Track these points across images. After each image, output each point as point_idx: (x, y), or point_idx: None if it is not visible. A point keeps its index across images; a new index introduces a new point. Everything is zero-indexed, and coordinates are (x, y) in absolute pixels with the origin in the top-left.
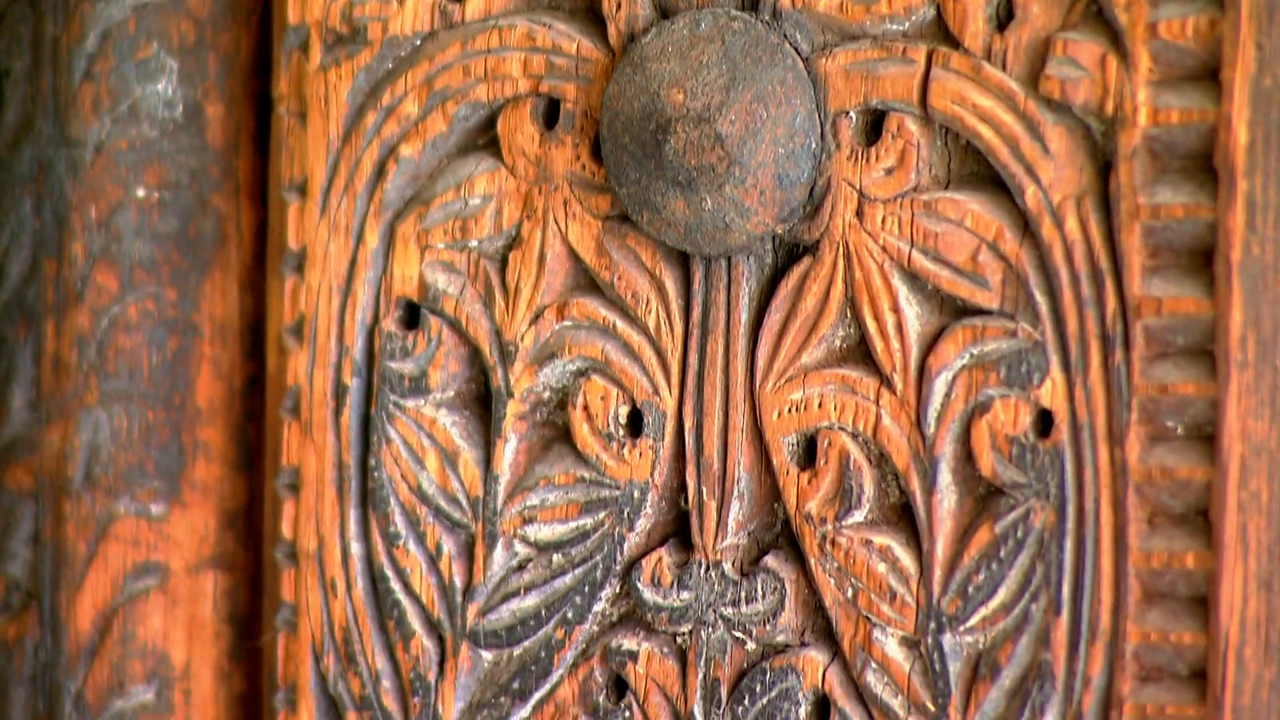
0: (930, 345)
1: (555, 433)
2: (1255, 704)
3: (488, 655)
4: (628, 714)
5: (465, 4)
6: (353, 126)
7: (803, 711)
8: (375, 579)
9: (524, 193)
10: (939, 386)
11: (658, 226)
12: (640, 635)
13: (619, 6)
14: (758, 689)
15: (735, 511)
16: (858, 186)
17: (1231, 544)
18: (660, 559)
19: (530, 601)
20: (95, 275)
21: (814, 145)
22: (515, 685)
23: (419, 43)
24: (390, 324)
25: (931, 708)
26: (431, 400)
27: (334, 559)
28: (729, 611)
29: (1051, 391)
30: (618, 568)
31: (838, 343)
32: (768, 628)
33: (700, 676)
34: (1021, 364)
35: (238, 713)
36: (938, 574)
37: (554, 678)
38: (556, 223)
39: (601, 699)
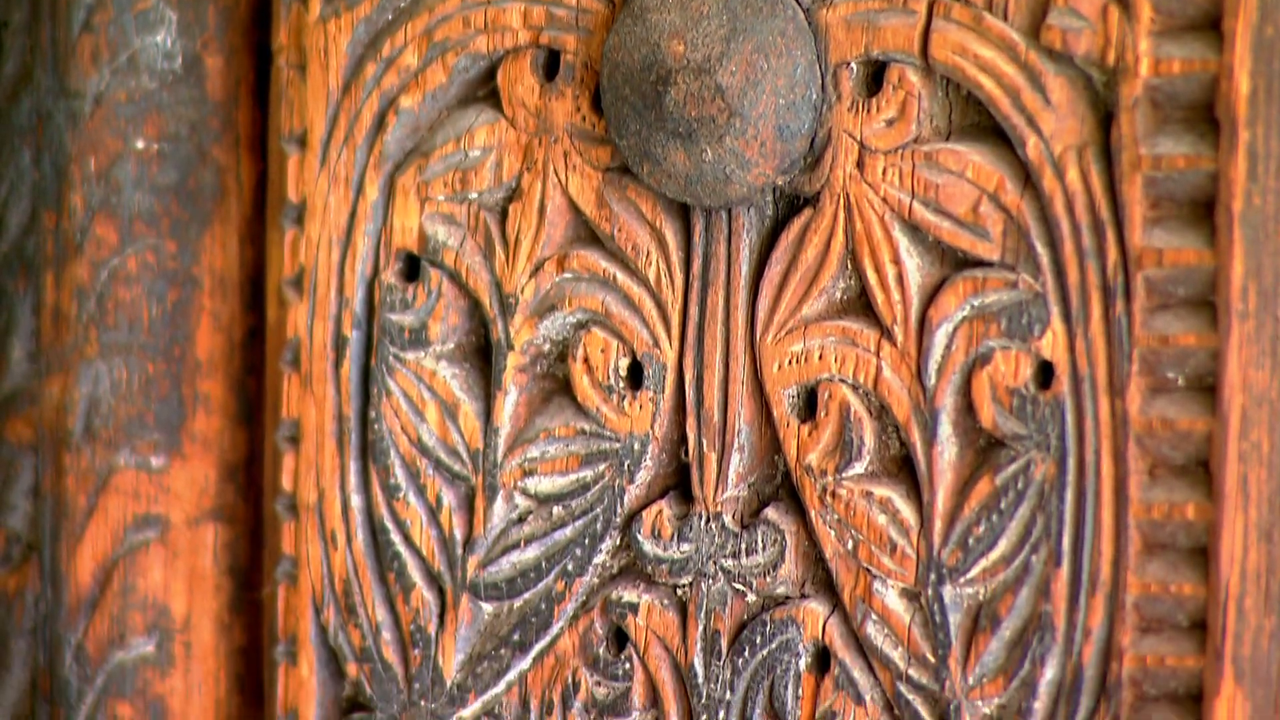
0: (931, 297)
1: (555, 385)
2: (1255, 654)
3: (488, 607)
4: (628, 666)
5: None
6: (352, 78)
7: (803, 663)
8: (375, 531)
9: (524, 144)
10: (940, 338)
11: (658, 178)
12: (640, 587)
13: None
14: (758, 641)
15: (735, 464)
16: (858, 138)
17: (1232, 495)
18: (660, 511)
19: (530, 554)
20: (94, 227)
21: (815, 96)
22: (515, 637)
23: None
24: (390, 276)
25: (932, 659)
26: (431, 352)
27: (334, 511)
28: (729, 563)
29: (1052, 343)
30: (618, 520)
31: (838, 294)
32: (768, 580)
33: (700, 628)
34: (1022, 315)
35: (238, 665)
36: (938, 526)
37: (554, 630)
38: (556, 175)
39: (602, 651)
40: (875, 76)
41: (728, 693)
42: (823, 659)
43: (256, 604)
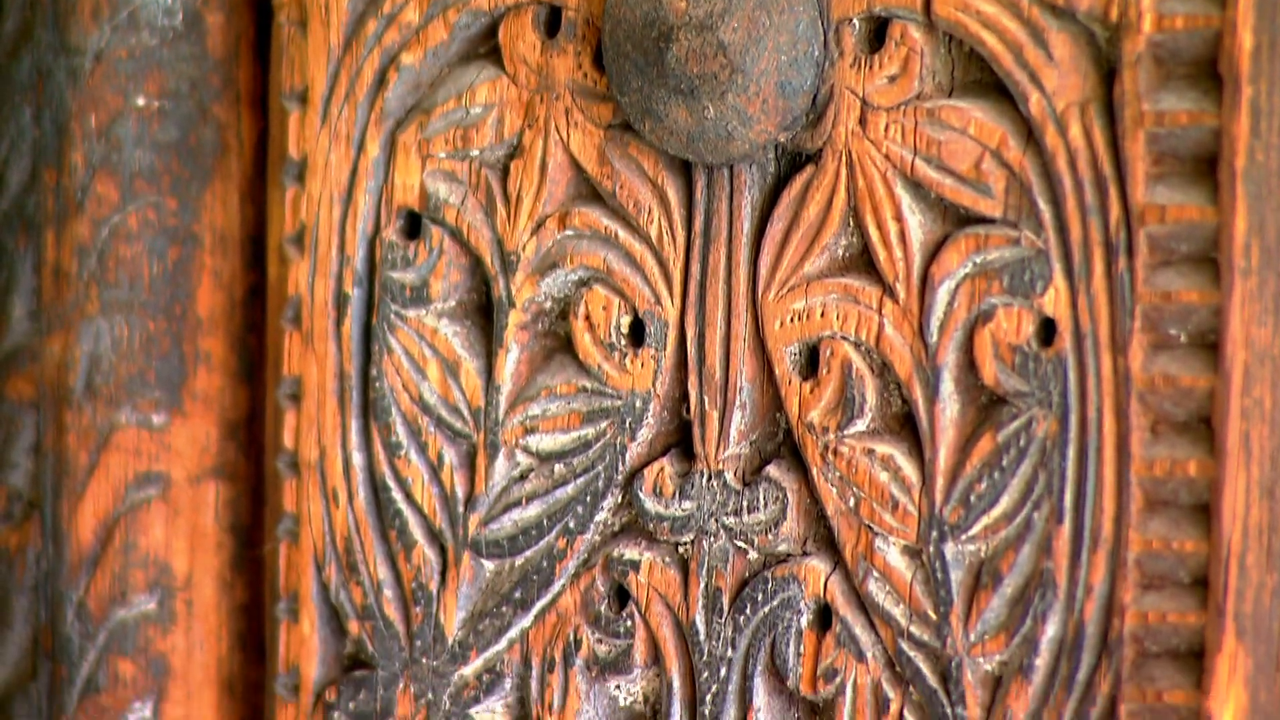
0: (933, 254)
1: (557, 343)
2: (1257, 611)
3: (490, 565)
4: (629, 623)
5: None
6: (353, 35)
7: (804, 620)
8: (377, 489)
9: (525, 101)
10: (942, 295)
11: (660, 135)
12: (642, 545)
13: None
14: (759, 598)
15: (737, 421)
16: (861, 94)
17: (1234, 451)
18: (662, 469)
19: (532, 511)
20: (95, 184)
21: (817, 53)
22: (517, 595)
23: None
24: (391, 233)
25: (933, 616)
26: (433, 310)
27: (335, 469)
28: (731, 521)
29: (1054, 300)
30: (619, 477)
31: (840, 252)
32: (769, 537)
33: (702, 586)
34: (1024, 272)
35: (240, 622)
36: (940, 483)
37: (556, 587)
38: (558, 132)
39: (603, 608)
40: (877, 33)
41: (729, 650)
42: (824, 616)
43: (258, 561)
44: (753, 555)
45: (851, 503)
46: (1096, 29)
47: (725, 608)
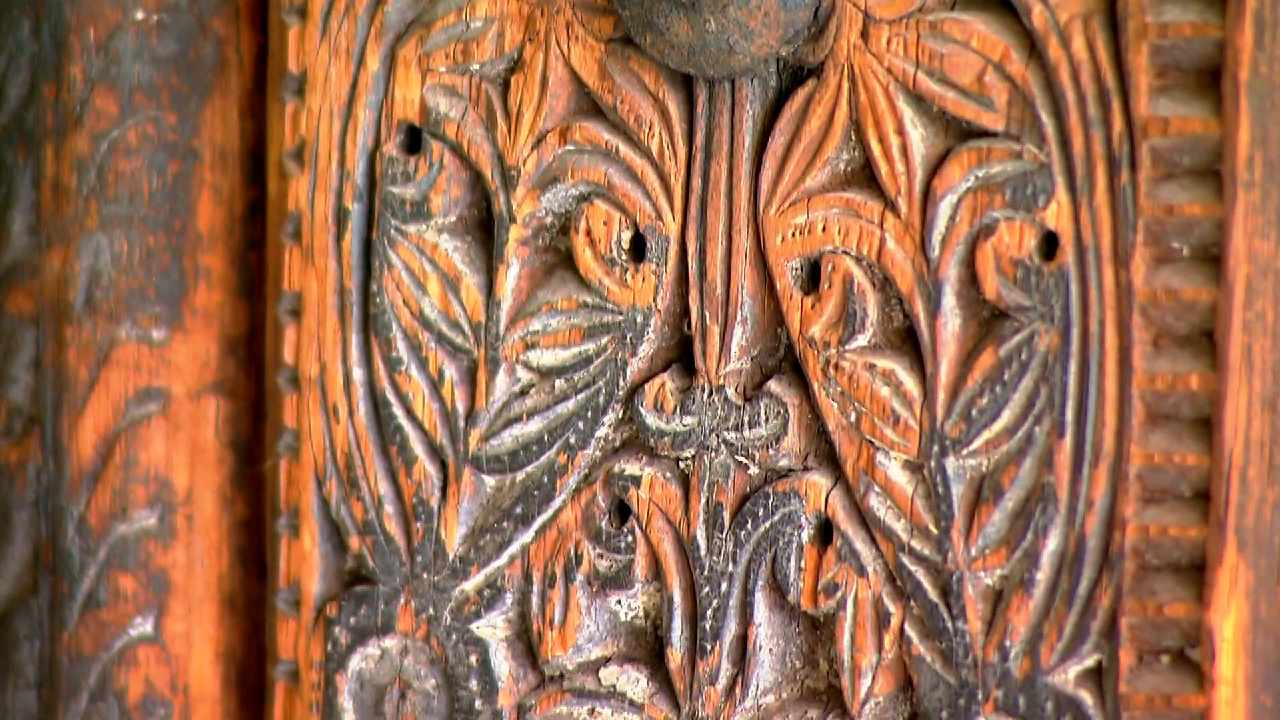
0: (935, 168)
1: (558, 258)
2: (1258, 524)
3: (490, 480)
4: (630, 539)
5: None
6: None
7: (805, 535)
8: (377, 404)
9: (526, 15)
10: (944, 209)
11: (661, 49)
12: (643, 460)
13: None
14: (760, 513)
15: (738, 336)
16: (863, 7)
17: (1236, 365)
18: (663, 384)
19: (533, 427)
20: (94, 99)
21: None
22: (518, 510)
23: None
24: (392, 148)
25: (934, 530)
26: (433, 225)
27: (336, 384)
28: (732, 436)
29: (1057, 213)
30: (620, 393)
31: (842, 166)
32: (771, 452)
33: (703, 501)
34: (1027, 186)
35: (240, 538)
36: (941, 397)
37: (556, 503)
38: (559, 45)
39: (604, 524)
40: None
41: (730, 565)
42: (825, 531)
43: (258, 477)
44: (754, 470)
45: (853, 417)
46: None
47: (726, 523)
